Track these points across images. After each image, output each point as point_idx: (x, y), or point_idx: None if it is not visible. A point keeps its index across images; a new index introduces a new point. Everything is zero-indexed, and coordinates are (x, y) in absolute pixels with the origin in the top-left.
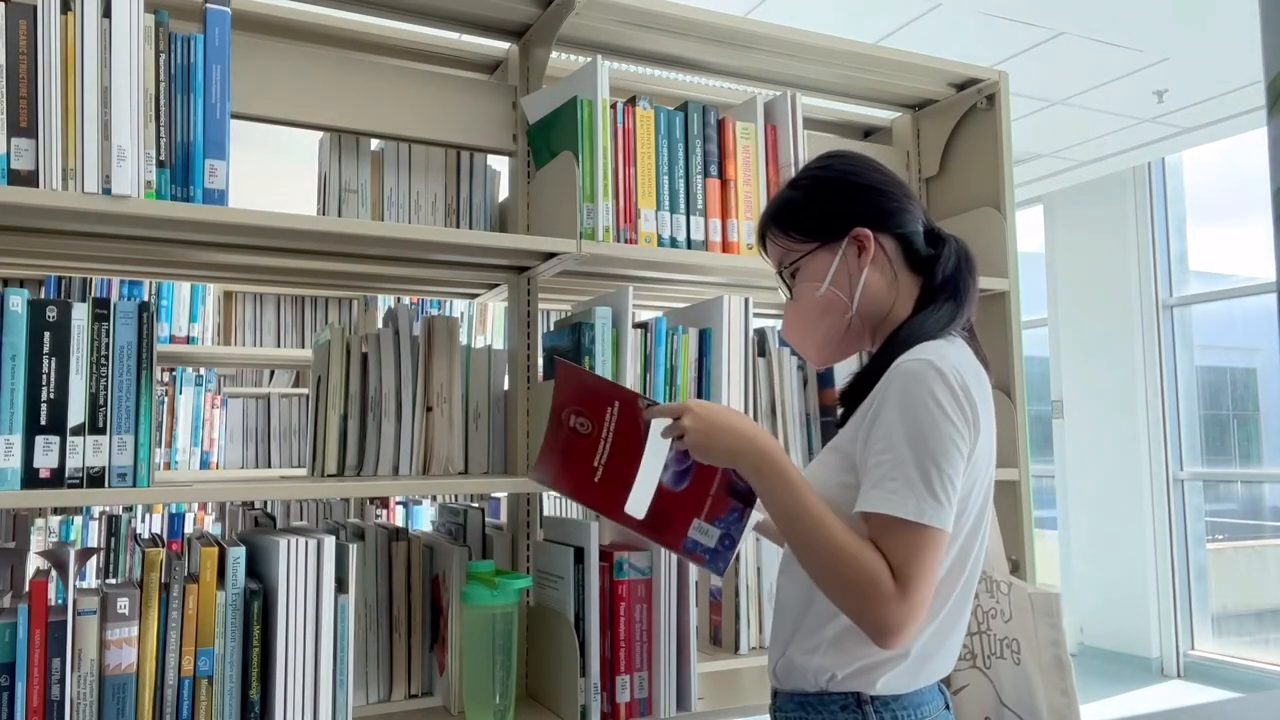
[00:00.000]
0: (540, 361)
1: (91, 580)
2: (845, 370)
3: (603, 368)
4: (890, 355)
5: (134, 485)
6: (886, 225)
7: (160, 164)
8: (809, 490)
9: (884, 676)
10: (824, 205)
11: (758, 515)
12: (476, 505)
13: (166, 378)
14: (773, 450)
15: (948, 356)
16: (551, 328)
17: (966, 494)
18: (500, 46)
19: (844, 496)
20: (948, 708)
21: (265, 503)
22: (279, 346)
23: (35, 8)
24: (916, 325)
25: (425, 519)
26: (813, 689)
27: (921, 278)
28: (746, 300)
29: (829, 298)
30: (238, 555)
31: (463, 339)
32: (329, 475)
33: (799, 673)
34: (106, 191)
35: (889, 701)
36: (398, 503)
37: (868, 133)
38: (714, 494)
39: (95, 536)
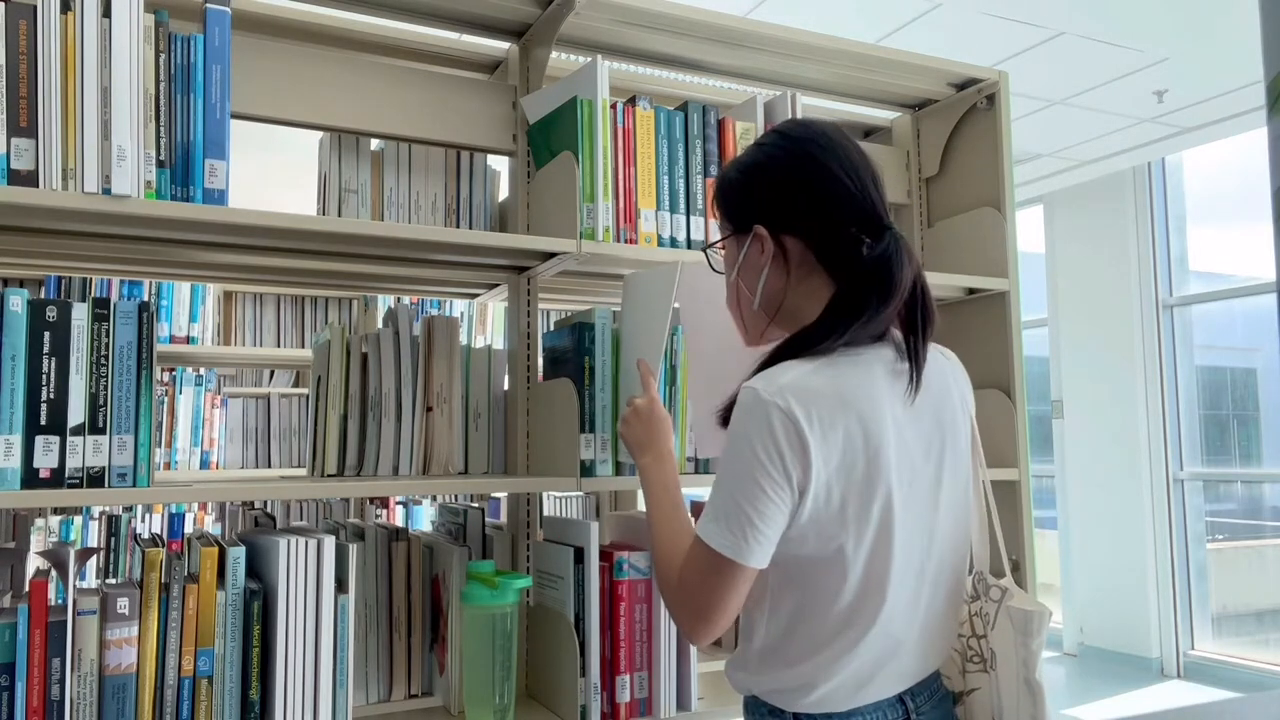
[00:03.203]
0: (540, 361)
1: (91, 580)
2: None
3: (603, 368)
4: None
5: (134, 485)
6: (793, 227)
7: (160, 164)
8: (666, 504)
9: (806, 698)
10: (739, 196)
11: None
12: (476, 505)
13: (166, 378)
14: (652, 465)
15: (777, 382)
16: (551, 328)
17: (840, 525)
18: (500, 46)
19: None
20: (907, 717)
21: (265, 503)
22: (279, 346)
23: (35, 8)
24: (790, 340)
25: (425, 519)
26: (746, 693)
27: (839, 278)
28: None
29: (737, 286)
30: (238, 555)
31: (463, 339)
32: (329, 475)
33: (733, 680)
34: (106, 191)
35: (816, 717)
36: (398, 503)
37: (868, 133)
38: None
39: (95, 536)
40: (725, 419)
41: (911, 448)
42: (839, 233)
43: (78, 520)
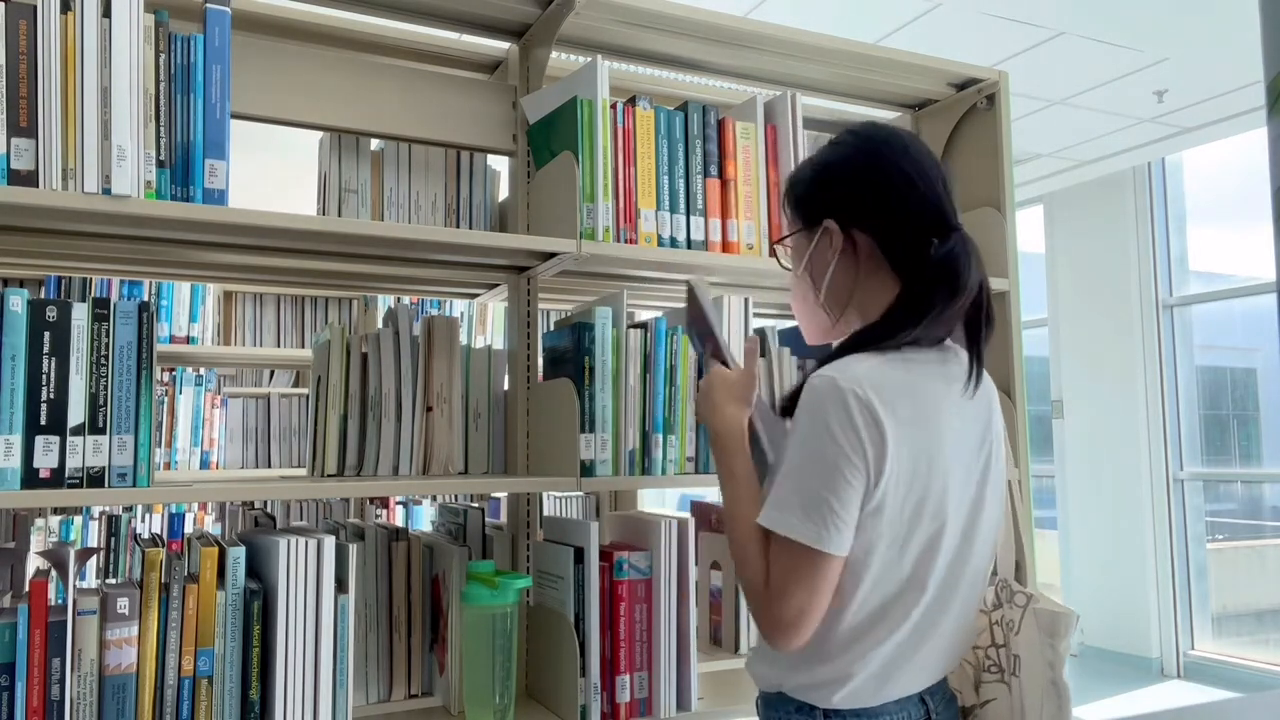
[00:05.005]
0: (540, 361)
1: (91, 580)
2: None
3: (602, 368)
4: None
5: (134, 485)
6: (865, 222)
7: (160, 164)
8: (743, 488)
9: (836, 694)
10: (812, 190)
11: None
12: (476, 505)
13: (166, 378)
14: (722, 441)
15: (854, 370)
16: (551, 328)
17: (902, 513)
18: (500, 46)
19: None
20: (929, 717)
21: (265, 503)
22: (279, 346)
23: (35, 8)
24: (857, 335)
25: (425, 519)
26: (772, 690)
27: (904, 277)
28: (746, 300)
29: (803, 282)
30: (238, 555)
31: (463, 339)
32: (329, 475)
33: (760, 676)
34: (106, 191)
35: (844, 714)
36: (398, 503)
37: None
38: None
39: (95, 536)
40: (785, 408)
41: (964, 450)
42: (907, 230)
43: (78, 520)
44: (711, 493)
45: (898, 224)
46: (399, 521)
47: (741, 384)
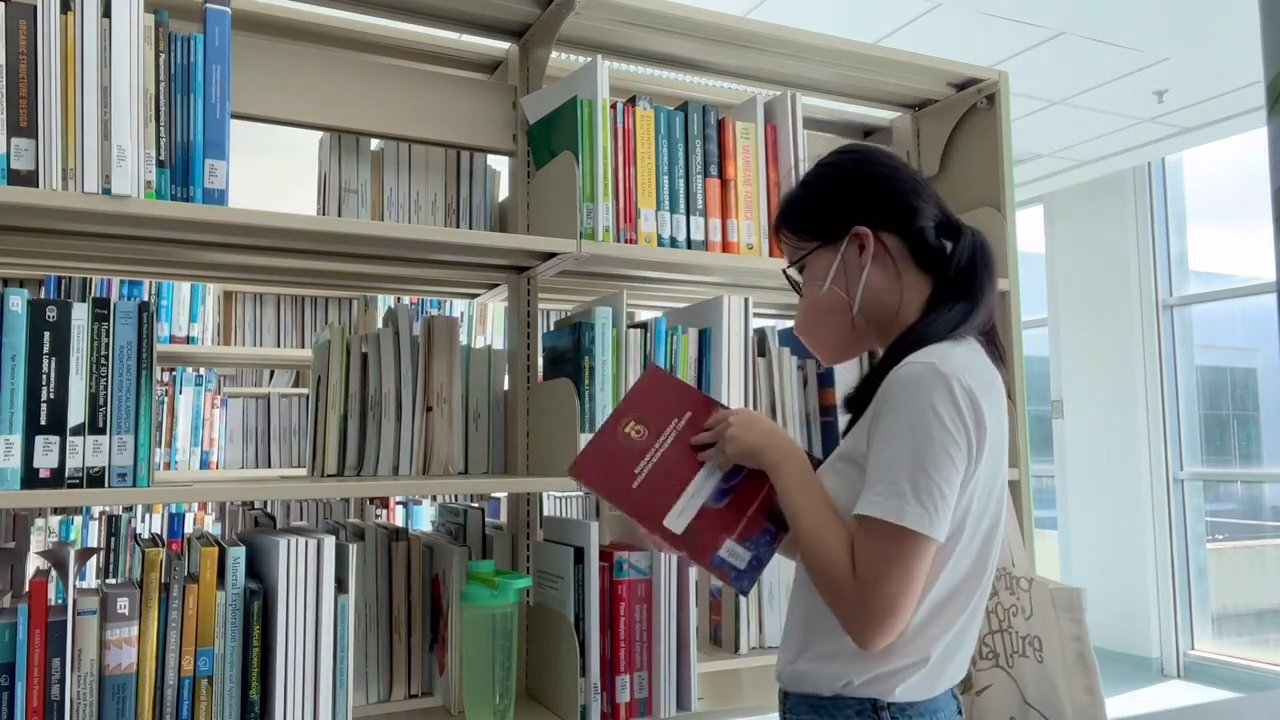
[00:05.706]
0: (540, 361)
1: (91, 580)
2: (844, 369)
3: (603, 368)
4: (895, 359)
5: (134, 485)
6: (889, 222)
7: (160, 164)
8: (815, 493)
9: (903, 684)
10: (825, 203)
11: None
12: (476, 505)
13: (166, 378)
14: (791, 453)
15: (952, 359)
16: (551, 328)
17: (981, 499)
18: (500, 46)
19: None
20: (959, 712)
21: (265, 503)
22: (279, 346)
23: (35, 8)
24: (924, 327)
25: (425, 519)
26: (827, 693)
27: (932, 276)
28: (746, 300)
29: (831, 297)
30: (238, 555)
31: (463, 339)
32: (329, 475)
33: (813, 678)
34: (106, 191)
35: (905, 708)
36: (398, 503)
37: (868, 133)
38: (751, 514)
39: (95, 536)
40: (854, 404)
41: (1007, 440)
42: (925, 224)
43: (78, 520)
44: None
45: (916, 219)
46: (399, 521)
47: (764, 416)
